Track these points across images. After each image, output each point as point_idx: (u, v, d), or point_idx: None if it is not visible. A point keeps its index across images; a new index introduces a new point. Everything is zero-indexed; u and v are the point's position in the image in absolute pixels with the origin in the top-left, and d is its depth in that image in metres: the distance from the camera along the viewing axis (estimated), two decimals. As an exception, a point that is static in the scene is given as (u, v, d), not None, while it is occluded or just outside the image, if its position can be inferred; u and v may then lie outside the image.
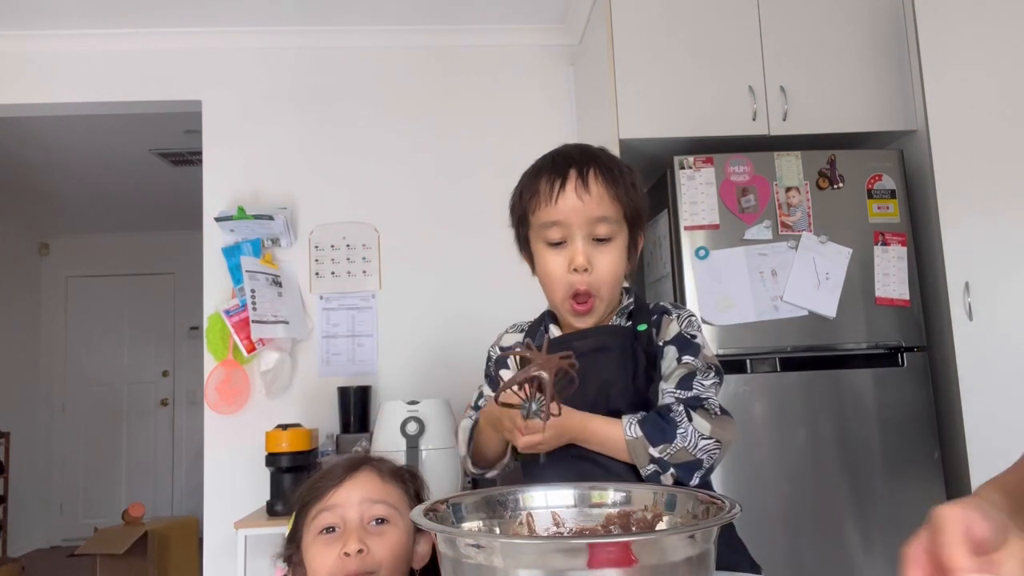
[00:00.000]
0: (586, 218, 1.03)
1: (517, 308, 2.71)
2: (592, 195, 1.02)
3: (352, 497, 0.94)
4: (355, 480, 0.96)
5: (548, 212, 1.04)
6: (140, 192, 4.96)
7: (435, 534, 0.60)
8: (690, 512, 0.68)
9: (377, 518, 0.94)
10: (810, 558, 2.05)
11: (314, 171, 2.87)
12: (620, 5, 2.34)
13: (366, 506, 0.94)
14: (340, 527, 0.92)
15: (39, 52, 2.83)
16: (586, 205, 1.02)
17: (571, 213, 1.03)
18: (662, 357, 1.08)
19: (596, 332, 1.10)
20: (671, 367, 1.07)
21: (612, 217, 1.04)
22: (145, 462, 5.95)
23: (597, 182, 1.03)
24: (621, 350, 1.08)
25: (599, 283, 1.05)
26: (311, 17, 2.82)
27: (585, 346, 1.08)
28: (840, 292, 2.15)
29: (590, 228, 1.03)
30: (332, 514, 0.93)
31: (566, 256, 1.04)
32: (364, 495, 0.94)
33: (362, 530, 0.92)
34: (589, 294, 1.05)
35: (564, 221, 1.03)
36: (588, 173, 1.03)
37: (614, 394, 1.06)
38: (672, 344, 1.08)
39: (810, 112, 2.32)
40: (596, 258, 1.04)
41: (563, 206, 1.03)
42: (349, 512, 0.93)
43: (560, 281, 1.06)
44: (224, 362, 2.70)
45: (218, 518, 2.65)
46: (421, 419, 2.04)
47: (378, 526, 0.93)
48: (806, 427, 2.11)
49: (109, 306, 6.04)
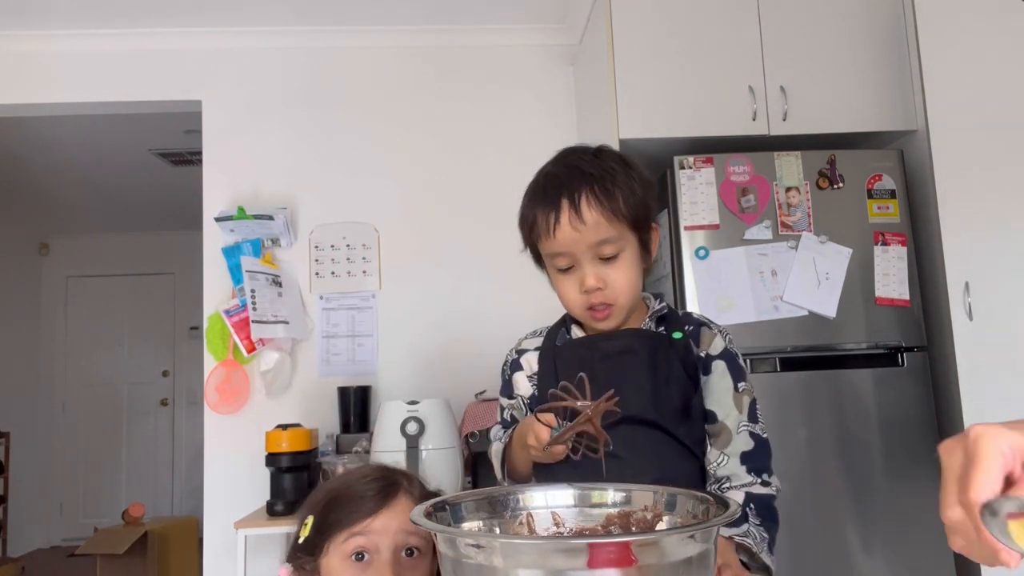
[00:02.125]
0: (586, 245, 1.02)
1: (517, 308, 2.72)
2: (588, 223, 1.01)
3: (390, 526, 0.91)
4: (392, 510, 0.92)
5: (550, 244, 1.05)
6: (140, 192, 4.96)
7: (435, 534, 0.60)
8: (690, 512, 0.68)
9: (409, 548, 0.91)
10: (810, 558, 2.05)
11: (314, 171, 2.87)
12: (620, 5, 2.34)
13: (401, 536, 0.90)
14: (372, 555, 0.89)
15: (39, 52, 2.83)
16: (584, 235, 1.02)
17: (571, 244, 1.03)
18: (708, 371, 1.09)
19: (624, 335, 1.10)
20: (724, 387, 1.09)
21: (614, 236, 1.03)
22: (145, 462, 5.95)
23: (591, 208, 1.01)
24: (649, 354, 1.08)
25: (615, 295, 1.05)
26: (311, 17, 2.82)
27: (612, 347, 1.08)
28: (840, 292, 2.15)
29: (594, 252, 1.03)
30: (366, 540, 0.90)
31: (577, 279, 1.05)
32: (400, 526, 0.91)
33: (396, 563, 0.89)
34: (606, 304, 1.05)
35: (567, 252, 1.04)
36: (580, 200, 1.01)
37: (639, 397, 1.05)
38: (720, 359, 1.10)
39: (810, 112, 2.32)
40: (607, 275, 1.04)
41: (562, 239, 1.03)
42: (383, 541, 0.90)
43: (576, 301, 1.07)
44: (224, 362, 2.70)
45: (218, 518, 2.65)
46: (421, 419, 2.04)
47: (409, 558, 0.91)
48: (806, 427, 2.11)
49: (109, 306, 6.03)
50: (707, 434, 1.10)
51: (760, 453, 1.08)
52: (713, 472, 1.08)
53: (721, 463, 1.08)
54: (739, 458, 1.07)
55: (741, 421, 1.09)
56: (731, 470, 1.07)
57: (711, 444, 1.10)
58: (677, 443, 1.06)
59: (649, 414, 1.05)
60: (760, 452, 1.08)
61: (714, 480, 1.08)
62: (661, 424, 1.05)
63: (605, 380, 1.05)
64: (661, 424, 1.05)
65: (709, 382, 1.09)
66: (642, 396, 1.05)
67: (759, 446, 1.08)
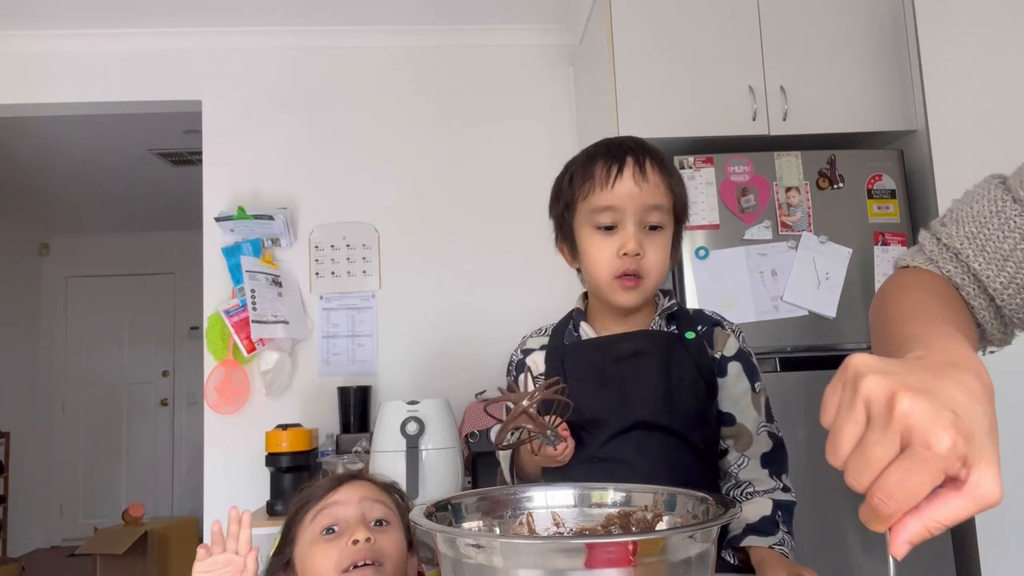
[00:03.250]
0: (641, 204, 1.03)
1: (517, 307, 2.72)
2: (649, 182, 1.03)
3: (352, 495, 0.92)
4: (352, 484, 0.95)
5: (603, 196, 1.04)
6: (140, 192, 4.96)
7: (435, 534, 0.60)
8: (690, 512, 0.68)
9: (377, 519, 0.92)
10: (810, 558, 2.04)
11: (314, 171, 2.87)
12: (620, 5, 2.34)
13: (367, 504, 0.92)
14: (341, 525, 0.90)
15: (39, 52, 2.83)
16: (643, 192, 1.03)
17: (627, 199, 1.03)
18: (723, 373, 1.08)
19: (636, 336, 1.08)
20: (741, 389, 1.08)
21: (665, 206, 1.05)
22: (145, 462, 5.95)
23: (654, 170, 1.04)
24: (662, 356, 1.06)
25: (648, 268, 1.04)
26: (311, 17, 2.82)
27: (625, 349, 1.07)
28: (840, 292, 2.15)
29: (643, 215, 1.03)
30: (331, 512, 0.91)
31: (616, 241, 1.03)
32: (364, 494, 0.93)
33: (366, 525, 0.90)
34: (639, 275, 1.04)
35: (619, 206, 1.03)
36: (645, 161, 1.04)
37: (652, 400, 1.04)
38: (735, 360, 1.09)
39: (810, 112, 2.32)
40: (647, 245, 1.04)
41: (620, 191, 1.03)
42: (349, 510, 0.91)
43: (608, 264, 1.04)
44: (224, 362, 2.70)
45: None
46: (421, 419, 2.04)
47: (379, 527, 0.91)
48: (806, 427, 2.11)
49: (109, 306, 6.04)
50: (723, 436, 1.09)
51: (778, 453, 1.09)
52: (735, 474, 1.07)
53: (742, 465, 1.07)
54: (760, 460, 1.07)
55: (760, 422, 1.08)
56: (753, 474, 1.06)
57: (730, 446, 1.09)
58: (691, 447, 1.05)
59: (663, 418, 1.03)
60: (779, 452, 1.09)
61: (735, 483, 1.07)
62: (675, 428, 1.04)
63: (618, 383, 1.05)
64: (675, 428, 1.04)
65: (725, 384, 1.08)
66: (656, 400, 1.04)
67: (777, 446, 1.09)
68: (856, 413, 0.46)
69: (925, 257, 0.82)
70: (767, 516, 1.01)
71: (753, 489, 1.05)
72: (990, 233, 0.78)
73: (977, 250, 0.78)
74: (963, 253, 0.79)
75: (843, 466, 0.46)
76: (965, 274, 0.79)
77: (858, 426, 0.46)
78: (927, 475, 0.43)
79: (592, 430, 1.03)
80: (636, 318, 1.10)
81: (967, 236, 0.79)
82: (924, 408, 0.44)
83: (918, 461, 0.43)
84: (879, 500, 0.43)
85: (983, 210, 0.79)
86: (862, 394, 0.46)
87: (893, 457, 0.44)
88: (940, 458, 0.43)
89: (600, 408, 1.01)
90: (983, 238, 0.78)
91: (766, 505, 1.03)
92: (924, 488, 0.43)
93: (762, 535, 1.00)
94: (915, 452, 0.43)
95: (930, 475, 0.43)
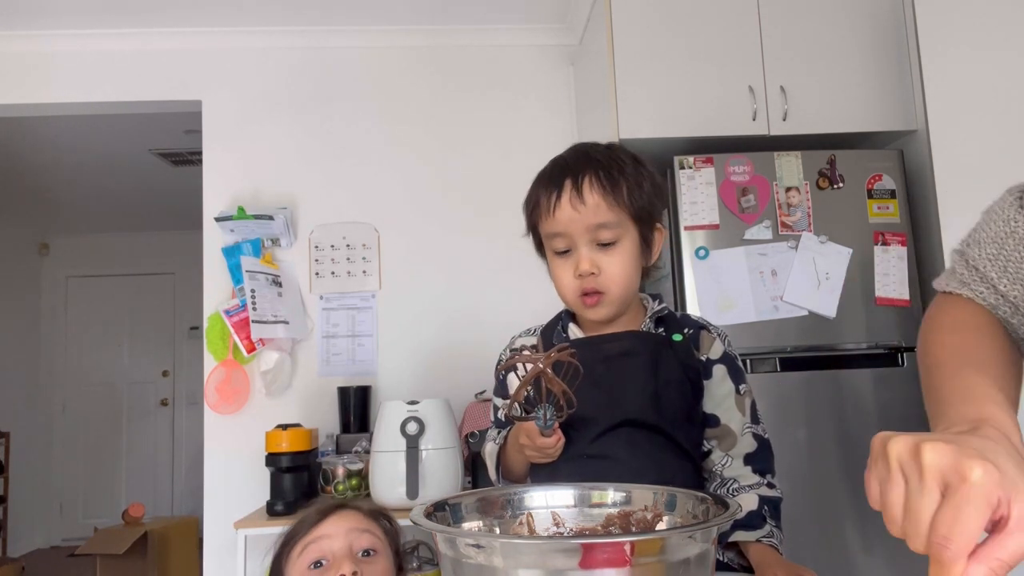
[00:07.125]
0: (584, 227, 1.02)
1: (517, 307, 2.72)
2: (588, 204, 1.01)
3: (340, 526, 0.92)
4: (338, 515, 0.94)
5: (550, 224, 1.05)
6: (140, 192, 4.96)
7: (435, 534, 0.60)
8: (690, 512, 0.68)
9: (365, 549, 0.91)
10: (810, 558, 2.04)
11: (314, 171, 2.87)
12: (620, 5, 2.34)
13: (354, 535, 0.91)
14: (329, 559, 0.90)
15: (39, 52, 2.83)
16: (583, 215, 1.02)
17: (569, 224, 1.03)
18: (708, 375, 1.10)
19: (625, 337, 1.09)
20: (726, 391, 1.10)
21: (612, 222, 1.03)
22: (145, 462, 5.95)
23: (592, 191, 1.02)
24: (649, 356, 1.07)
25: (607, 283, 1.04)
26: (311, 17, 2.82)
27: (612, 349, 1.08)
28: (840, 292, 2.15)
29: (592, 235, 1.03)
30: (319, 546, 0.90)
31: (572, 262, 1.05)
32: (351, 525, 0.92)
33: (353, 557, 0.90)
34: (597, 291, 1.05)
35: (565, 232, 1.04)
36: (583, 182, 1.02)
37: (640, 399, 1.05)
38: (721, 363, 1.10)
39: (810, 112, 2.32)
40: (602, 262, 1.04)
41: (561, 217, 1.03)
42: (336, 543, 0.91)
43: (570, 285, 1.06)
44: (224, 362, 2.70)
45: (218, 518, 2.65)
46: (421, 419, 2.04)
47: (366, 557, 0.91)
48: (806, 427, 2.11)
49: (109, 306, 6.03)
50: (707, 437, 1.11)
51: (763, 453, 1.10)
52: (719, 473, 1.08)
53: (726, 464, 1.08)
54: (743, 459, 1.08)
55: (745, 423, 1.10)
56: (736, 471, 1.08)
57: (714, 447, 1.10)
58: (676, 446, 1.06)
59: (650, 417, 1.05)
60: (763, 452, 1.10)
61: (719, 481, 1.08)
62: (662, 427, 1.05)
63: (607, 383, 1.05)
64: (662, 427, 1.05)
65: (711, 386, 1.10)
66: (644, 399, 1.05)
67: (762, 446, 1.10)
68: (894, 477, 0.48)
69: (958, 281, 0.84)
70: (753, 510, 1.03)
71: (738, 485, 1.07)
72: (1008, 253, 0.80)
73: (1000, 272, 0.80)
74: (988, 276, 0.81)
75: (902, 533, 0.47)
76: (996, 294, 0.81)
77: (899, 487, 0.48)
78: (973, 508, 0.44)
79: (581, 427, 1.04)
80: (622, 321, 1.11)
81: (989, 258, 0.81)
82: (947, 449, 0.46)
83: (961, 497, 0.44)
84: (938, 546, 0.44)
85: (999, 231, 0.81)
86: (892, 457, 0.48)
87: (937, 505, 0.45)
88: (979, 487, 0.44)
89: (589, 406, 1.01)
90: (1004, 259, 0.80)
91: (752, 500, 1.04)
92: (975, 522, 0.44)
93: (749, 529, 1.01)
94: (955, 490, 0.45)
95: (976, 508, 0.44)
